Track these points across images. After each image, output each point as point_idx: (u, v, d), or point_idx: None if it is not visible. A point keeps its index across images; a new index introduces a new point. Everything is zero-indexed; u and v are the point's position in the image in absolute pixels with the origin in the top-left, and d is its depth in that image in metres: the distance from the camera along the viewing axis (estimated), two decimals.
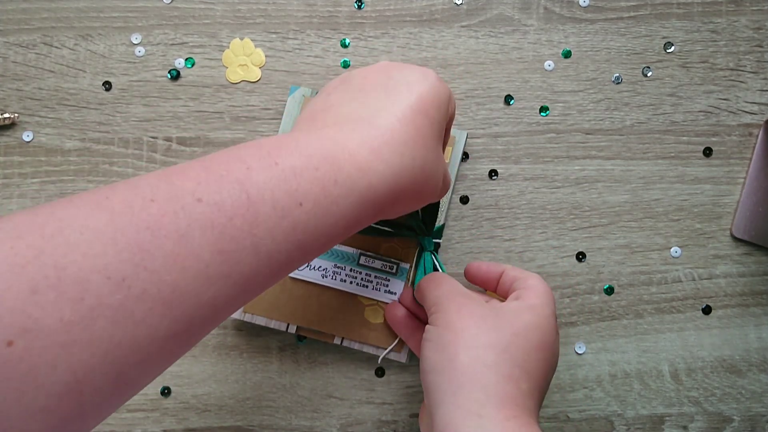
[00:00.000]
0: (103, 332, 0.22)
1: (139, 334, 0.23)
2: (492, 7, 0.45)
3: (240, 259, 0.26)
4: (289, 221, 0.27)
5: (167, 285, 0.23)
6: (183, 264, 0.24)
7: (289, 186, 0.27)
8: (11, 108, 0.44)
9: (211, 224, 0.25)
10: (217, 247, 0.25)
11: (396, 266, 0.42)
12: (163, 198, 0.24)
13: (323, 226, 0.28)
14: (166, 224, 0.24)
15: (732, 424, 0.43)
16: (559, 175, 0.44)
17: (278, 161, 0.27)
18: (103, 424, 0.42)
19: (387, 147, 0.30)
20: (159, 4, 0.45)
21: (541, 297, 0.35)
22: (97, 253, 0.22)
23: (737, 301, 0.44)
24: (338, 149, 0.29)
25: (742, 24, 0.45)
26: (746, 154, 0.45)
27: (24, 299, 0.21)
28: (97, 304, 0.22)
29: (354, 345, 0.42)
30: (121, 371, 0.23)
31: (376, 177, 0.30)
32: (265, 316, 0.41)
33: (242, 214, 0.26)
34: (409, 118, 0.31)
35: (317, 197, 0.28)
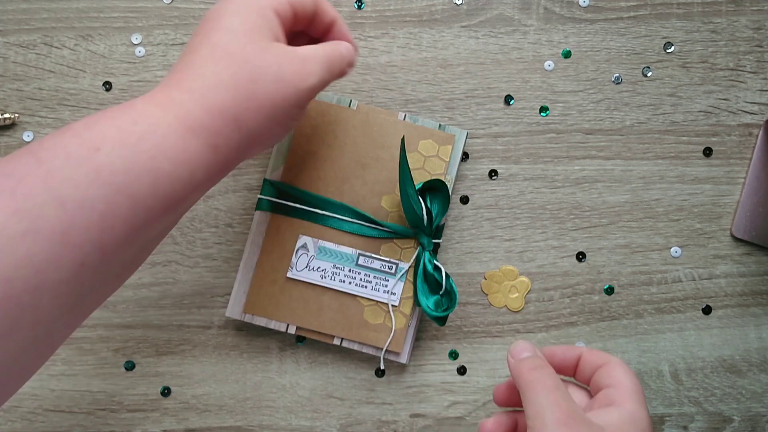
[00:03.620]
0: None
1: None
2: (492, 8, 0.45)
3: (42, 213, 0.25)
4: (90, 166, 0.27)
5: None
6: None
7: (81, 138, 0.27)
8: (11, 108, 0.44)
9: (1, 190, 0.25)
10: (13, 206, 0.25)
11: (395, 266, 0.42)
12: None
13: (135, 164, 0.27)
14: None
15: (732, 425, 0.43)
16: (559, 175, 0.44)
17: (70, 123, 0.28)
18: (103, 424, 0.42)
19: (188, 78, 0.30)
20: (159, 5, 0.45)
21: (634, 396, 0.33)
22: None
23: (737, 301, 0.44)
24: (138, 98, 0.30)
25: (742, 24, 0.45)
26: (746, 154, 0.45)
27: None
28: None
29: (354, 345, 0.42)
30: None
31: (183, 107, 0.29)
32: (265, 316, 0.41)
33: (32, 172, 0.26)
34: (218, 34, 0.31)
35: (115, 138, 0.27)
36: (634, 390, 0.33)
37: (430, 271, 0.41)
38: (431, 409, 0.43)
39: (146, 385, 0.43)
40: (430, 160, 0.42)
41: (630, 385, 0.33)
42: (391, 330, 0.41)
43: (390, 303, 0.41)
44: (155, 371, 0.43)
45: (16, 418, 0.42)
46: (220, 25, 0.31)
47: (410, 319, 0.42)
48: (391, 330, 0.41)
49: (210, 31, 0.31)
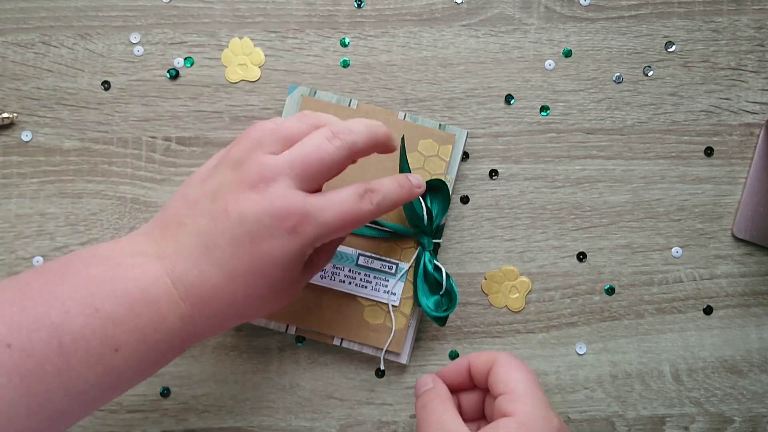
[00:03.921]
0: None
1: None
2: (492, 6, 0.45)
3: (50, 399, 0.27)
4: (104, 366, 0.28)
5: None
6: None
7: (106, 333, 0.28)
8: (10, 108, 0.44)
9: (17, 369, 0.26)
10: (25, 389, 0.26)
11: (395, 266, 0.42)
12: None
13: (139, 367, 0.30)
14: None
15: (733, 425, 0.43)
16: (560, 174, 0.44)
17: (99, 307, 0.28)
18: (102, 425, 0.42)
19: (212, 303, 0.31)
20: (158, 3, 0.45)
21: (526, 399, 0.32)
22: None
23: (738, 301, 0.44)
24: (165, 296, 0.30)
25: (744, 23, 0.45)
26: (747, 154, 0.45)
27: None
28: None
29: (354, 346, 0.42)
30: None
31: (199, 328, 0.31)
32: (265, 316, 0.41)
33: (53, 360, 0.27)
34: (244, 279, 0.31)
35: (136, 344, 0.29)
36: (524, 392, 0.32)
37: (431, 271, 0.40)
38: None
39: (145, 386, 0.43)
40: (431, 160, 0.42)
41: (519, 387, 0.33)
42: (391, 330, 0.41)
43: (390, 303, 0.41)
44: None
45: None
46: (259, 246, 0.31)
47: (410, 319, 0.42)
48: (391, 330, 0.41)
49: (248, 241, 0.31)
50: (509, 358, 0.34)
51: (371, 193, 0.33)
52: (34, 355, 0.26)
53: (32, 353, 0.26)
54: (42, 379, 0.26)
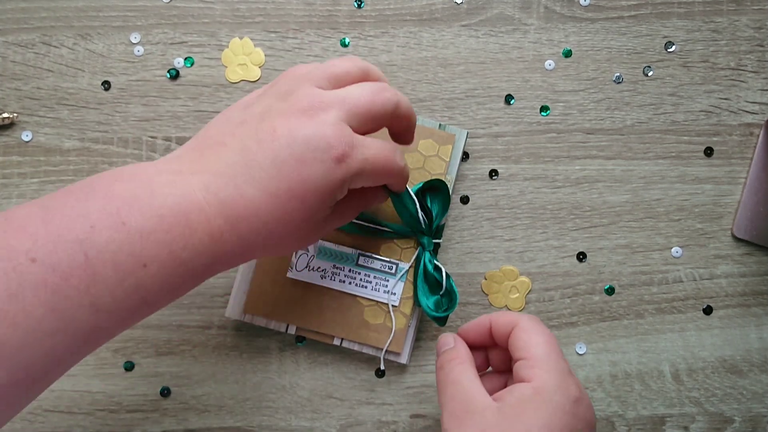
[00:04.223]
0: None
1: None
2: (492, 6, 0.45)
3: (77, 316, 0.26)
4: (132, 281, 0.27)
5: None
6: (13, 320, 0.25)
7: (134, 248, 0.27)
8: (10, 107, 0.44)
9: (44, 284, 0.25)
10: (51, 305, 0.26)
11: (395, 266, 0.42)
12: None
13: (169, 285, 0.29)
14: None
15: (733, 425, 0.43)
16: (560, 174, 0.44)
17: (126, 221, 0.27)
18: (102, 425, 0.42)
19: (244, 221, 0.30)
20: (158, 4, 0.45)
21: (543, 365, 0.32)
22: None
23: (738, 301, 0.44)
24: (196, 210, 0.29)
25: (743, 23, 0.45)
26: (747, 154, 0.45)
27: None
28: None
29: (354, 346, 0.42)
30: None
31: (227, 246, 0.30)
32: (265, 316, 0.41)
33: (79, 275, 0.26)
34: (281, 200, 0.30)
35: (164, 260, 0.28)
36: (542, 358, 0.32)
37: (431, 271, 0.40)
38: (431, 410, 0.43)
39: (146, 386, 0.43)
40: (430, 160, 0.42)
41: (538, 352, 0.33)
42: (391, 330, 0.41)
43: (390, 303, 0.41)
44: (155, 371, 0.43)
45: (15, 418, 0.42)
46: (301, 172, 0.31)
47: (410, 319, 0.42)
48: (392, 330, 0.41)
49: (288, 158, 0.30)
50: (531, 322, 0.34)
51: (401, 153, 0.35)
52: (60, 269, 0.26)
53: (58, 267, 0.26)
54: (68, 294, 0.26)
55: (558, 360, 0.32)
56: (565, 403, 0.31)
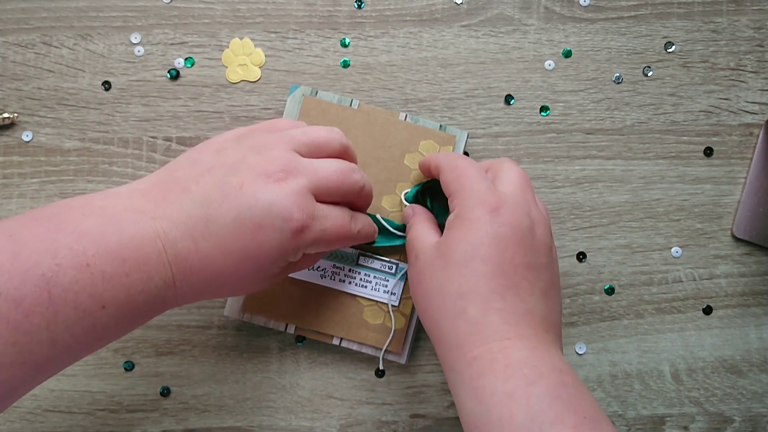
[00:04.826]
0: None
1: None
2: (492, 7, 0.45)
3: (35, 350, 0.27)
4: (90, 321, 0.28)
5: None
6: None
7: (96, 290, 0.28)
8: (10, 108, 0.44)
9: (6, 319, 0.26)
10: (12, 339, 0.26)
11: (395, 266, 0.42)
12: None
13: (122, 324, 0.30)
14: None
15: (733, 425, 0.43)
16: (560, 174, 0.44)
17: (91, 263, 0.28)
18: (102, 425, 0.42)
19: (196, 273, 0.31)
20: (158, 4, 0.45)
21: (461, 195, 0.34)
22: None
23: (738, 301, 0.44)
24: (155, 256, 0.30)
25: (743, 23, 0.45)
26: (747, 154, 0.45)
27: None
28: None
29: (353, 345, 0.42)
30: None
31: (179, 292, 0.31)
32: (264, 315, 0.41)
33: (41, 312, 0.27)
34: (234, 258, 0.31)
35: (121, 302, 0.29)
36: (458, 189, 0.35)
37: None
38: (431, 410, 0.43)
39: (146, 386, 0.43)
40: None
41: (453, 186, 0.35)
42: (390, 330, 0.41)
43: (390, 303, 0.41)
44: (155, 371, 0.43)
45: (15, 418, 0.42)
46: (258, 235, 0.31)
47: (410, 319, 0.42)
48: (391, 330, 0.41)
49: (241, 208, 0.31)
50: (446, 158, 0.37)
51: (356, 219, 0.36)
52: (24, 305, 0.26)
53: (21, 303, 0.26)
54: (29, 330, 0.26)
55: (476, 183, 0.34)
56: (481, 215, 0.33)
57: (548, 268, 0.34)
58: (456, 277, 0.32)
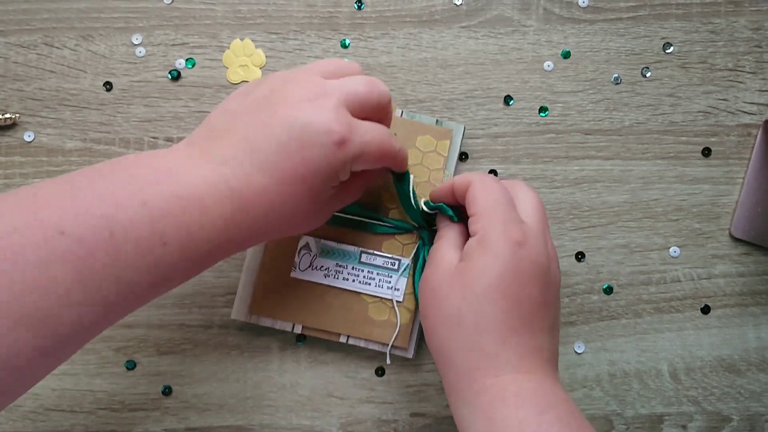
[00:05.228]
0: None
1: (3, 345, 0.25)
2: (491, 8, 0.45)
3: (101, 288, 0.27)
4: (152, 258, 0.29)
5: (29, 306, 0.26)
6: (45, 289, 0.26)
7: (154, 227, 0.28)
8: (12, 108, 0.45)
9: (72, 256, 0.26)
10: (79, 276, 0.27)
11: (397, 262, 0.42)
12: (25, 229, 0.26)
13: (186, 262, 0.30)
14: (27, 254, 0.26)
15: (731, 424, 0.43)
16: (559, 175, 0.45)
17: (148, 200, 0.29)
18: (104, 423, 0.42)
19: (253, 206, 0.31)
20: (160, 5, 0.45)
21: (485, 218, 0.34)
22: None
23: (736, 300, 0.44)
24: (209, 194, 0.30)
25: (741, 24, 0.45)
26: (745, 155, 0.45)
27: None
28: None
29: (360, 342, 0.42)
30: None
31: (239, 229, 0.31)
32: (271, 317, 0.42)
33: (104, 249, 0.27)
34: (287, 183, 0.32)
35: (182, 239, 0.29)
36: (483, 210, 0.34)
37: None
38: (431, 409, 0.43)
39: (147, 385, 0.43)
40: (428, 156, 0.43)
41: (478, 207, 0.34)
42: (396, 326, 0.41)
43: (394, 299, 0.42)
44: (156, 370, 0.43)
45: (17, 417, 0.42)
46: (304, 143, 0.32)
47: (415, 314, 0.42)
48: (397, 326, 0.41)
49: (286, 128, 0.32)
50: (481, 178, 0.36)
51: (395, 137, 0.36)
52: (87, 242, 0.27)
53: (85, 241, 0.27)
54: (94, 267, 0.27)
55: (502, 210, 0.34)
56: (504, 248, 0.32)
57: (557, 303, 0.35)
58: (474, 310, 0.32)
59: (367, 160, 0.34)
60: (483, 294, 0.32)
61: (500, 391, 0.31)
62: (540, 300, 0.33)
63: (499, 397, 0.31)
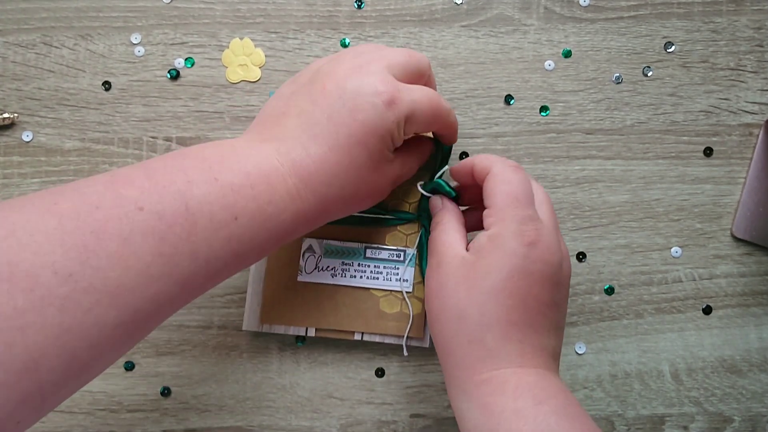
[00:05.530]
0: (53, 319, 0.25)
1: (87, 321, 0.26)
2: (492, 7, 0.45)
3: (179, 262, 0.28)
4: (226, 232, 0.30)
5: (112, 281, 0.26)
6: (126, 263, 0.27)
7: (227, 201, 0.30)
8: (11, 108, 0.44)
9: (152, 230, 0.27)
10: (158, 250, 0.28)
11: (403, 253, 0.42)
12: (108, 205, 0.27)
13: (258, 238, 0.31)
14: (110, 229, 0.27)
15: (732, 425, 0.43)
16: (560, 175, 0.44)
17: (218, 177, 0.30)
18: (102, 424, 0.42)
19: (316, 176, 0.32)
20: (158, 4, 0.45)
21: (501, 215, 0.33)
22: (46, 251, 0.25)
23: (738, 301, 0.44)
24: (273, 171, 0.31)
25: (743, 23, 0.45)
26: (747, 154, 0.45)
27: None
28: (47, 294, 0.25)
29: (375, 338, 0.42)
30: (74, 354, 0.26)
31: (306, 204, 0.33)
32: (282, 323, 0.41)
33: (181, 223, 0.28)
34: (345, 149, 0.32)
35: (252, 213, 0.30)
36: (500, 206, 0.33)
37: None
38: (431, 410, 0.43)
39: (146, 386, 0.43)
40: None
41: (497, 201, 0.34)
42: (409, 317, 0.41)
43: (404, 290, 0.41)
44: (155, 371, 0.43)
45: None
46: (356, 116, 0.33)
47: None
48: (410, 317, 0.41)
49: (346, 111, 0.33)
50: (502, 167, 0.35)
51: (444, 99, 0.37)
52: (165, 217, 0.28)
53: (163, 215, 0.28)
54: (172, 241, 0.28)
55: (520, 208, 0.33)
56: (516, 248, 0.32)
57: (565, 303, 0.35)
58: (479, 306, 0.32)
59: (420, 121, 0.34)
60: (489, 292, 0.32)
61: (500, 384, 0.31)
62: (547, 300, 0.33)
63: (499, 389, 0.31)
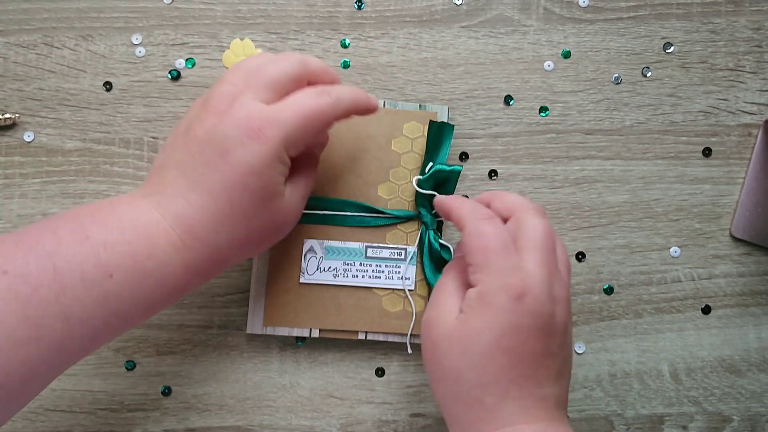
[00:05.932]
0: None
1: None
2: (492, 8, 0.45)
3: (48, 325, 0.27)
4: (99, 291, 0.29)
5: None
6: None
7: (99, 259, 0.29)
8: (12, 108, 0.44)
9: (15, 294, 0.27)
10: (23, 313, 0.27)
11: (404, 252, 0.42)
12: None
13: (140, 295, 0.30)
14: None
15: (731, 424, 0.43)
16: (559, 175, 0.45)
17: (90, 235, 0.29)
18: (103, 424, 0.42)
19: (200, 225, 0.31)
20: (159, 5, 0.45)
21: (485, 270, 0.32)
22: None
23: (737, 301, 0.44)
24: (153, 224, 0.31)
25: (742, 24, 0.45)
26: (745, 155, 0.45)
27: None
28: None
29: (378, 337, 0.42)
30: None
31: (194, 254, 0.31)
32: (286, 325, 0.41)
33: (48, 284, 0.27)
34: (224, 194, 0.31)
35: (129, 269, 0.29)
36: (483, 262, 0.32)
37: (436, 248, 0.41)
38: (431, 409, 0.43)
39: (147, 385, 0.43)
40: (417, 141, 0.43)
41: (479, 259, 0.32)
42: (412, 315, 0.41)
43: (406, 288, 0.42)
44: (156, 371, 0.43)
45: (16, 417, 0.42)
46: (235, 163, 0.32)
47: (428, 299, 0.42)
48: (413, 315, 0.41)
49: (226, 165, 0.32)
50: (474, 227, 0.33)
51: (328, 90, 0.34)
52: (30, 279, 0.27)
53: (28, 278, 0.27)
54: (39, 303, 0.27)
55: (500, 260, 0.32)
56: (505, 303, 0.31)
57: (565, 346, 0.33)
58: (475, 367, 0.31)
59: (299, 137, 0.33)
60: (483, 352, 0.31)
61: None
62: (542, 351, 0.32)
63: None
